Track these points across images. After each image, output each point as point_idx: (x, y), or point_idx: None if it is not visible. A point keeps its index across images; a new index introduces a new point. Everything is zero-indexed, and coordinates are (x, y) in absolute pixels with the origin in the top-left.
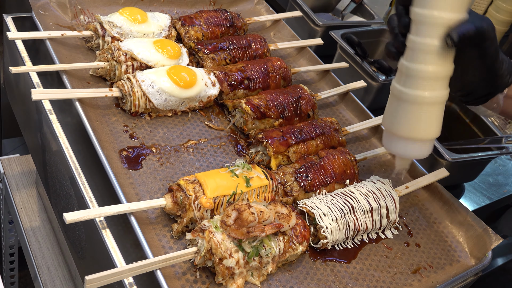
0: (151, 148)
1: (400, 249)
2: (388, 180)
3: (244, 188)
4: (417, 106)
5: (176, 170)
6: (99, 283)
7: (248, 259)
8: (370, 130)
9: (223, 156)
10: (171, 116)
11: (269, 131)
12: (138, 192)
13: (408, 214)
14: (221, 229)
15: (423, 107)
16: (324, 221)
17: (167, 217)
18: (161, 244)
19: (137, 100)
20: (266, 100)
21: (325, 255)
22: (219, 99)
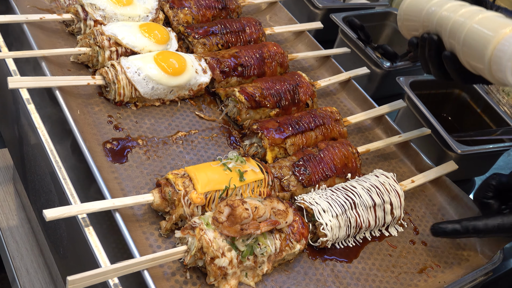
0: (137, 140)
1: (405, 248)
2: (392, 174)
3: (238, 183)
4: None
5: (164, 164)
6: (82, 284)
7: (242, 258)
8: (374, 120)
9: (215, 149)
10: (159, 105)
11: (264, 122)
12: (124, 187)
13: (413, 210)
14: (212, 226)
15: None
16: (323, 218)
17: (154, 214)
18: (149, 242)
19: (122, 88)
20: (262, 88)
21: (324, 254)
22: (210, 87)
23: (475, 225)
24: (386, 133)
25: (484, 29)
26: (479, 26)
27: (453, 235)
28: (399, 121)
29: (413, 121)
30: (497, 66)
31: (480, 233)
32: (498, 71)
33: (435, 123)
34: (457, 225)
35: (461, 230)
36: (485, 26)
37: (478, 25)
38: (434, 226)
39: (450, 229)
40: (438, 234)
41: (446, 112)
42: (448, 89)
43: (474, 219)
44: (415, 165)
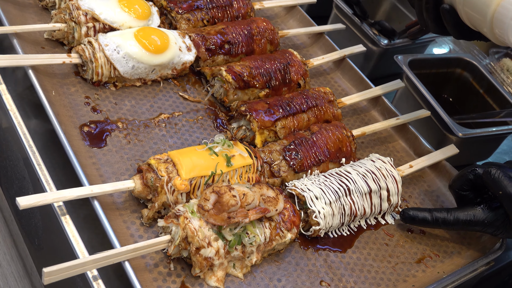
0: (117, 123)
1: (403, 236)
2: (389, 159)
3: (225, 168)
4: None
5: (146, 148)
6: (59, 276)
7: (229, 248)
8: (370, 102)
9: (200, 132)
10: (140, 86)
11: (253, 103)
12: (102, 173)
13: (412, 197)
14: (198, 214)
15: None
16: (316, 205)
17: (136, 202)
18: (130, 232)
19: (100, 67)
20: (250, 68)
21: (317, 243)
22: (195, 66)
23: (445, 218)
24: (383, 115)
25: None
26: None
27: (421, 224)
28: (397, 102)
29: (411, 103)
30: (499, 23)
31: (449, 226)
32: (499, 29)
33: (435, 105)
34: (428, 215)
35: (430, 221)
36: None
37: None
38: (404, 211)
39: (420, 217)
40: (406, 220)
41: (447, 93)
42: (449, 68)
43: (446, 211)
44: (414, 149)
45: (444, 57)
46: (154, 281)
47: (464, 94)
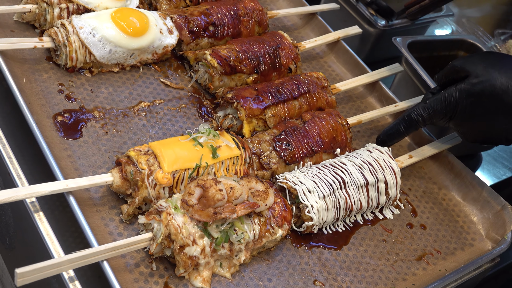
0: (93, 112)
1: (402, 232)
2: (387, 149)
3: (210, 160)
4: None
5: (125, 139)
6: (33, 278)
7: (215, 246)
8: (366, 87)
9: (183, 121)
10: (118, 72)
11: (240, 90)
12: (78, 166)
13: (411, 190)
14: (181, 210)
15: None
16: (309, 199)
17: (114, 197)
18: (108, 229)
19: (74, 52)
20: (237, 51)
21: (310, 240)
22: (177, 50)
23: (417, 110)
24: (381, 102)
25: None
26: None
27: (398, 134)
28: (396, 88)
29: (411, 88)
30: None
31: (424, 116)
32: None
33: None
34: (398, 121)
35: (405, 124)
36: None
37: None
38: (377, 138)
39: (394, 129)
40: (384, 141)
41: None
42: (451, 51)
43: (414, 108)
44: (413, 138)
45: (446, 39)
46: (135, 282)
47: None
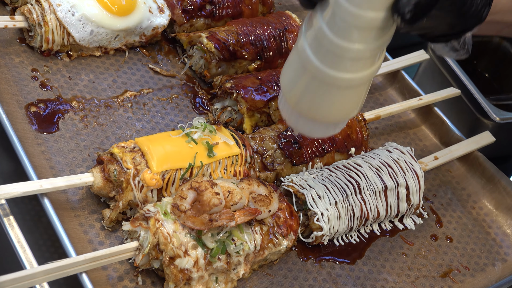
0: (72, 102)
1: (425, 245)
2: (409, 149)
3: (206, 159)
4: (341, 90)
5: (107, 134)
6: None
7: (211, 258)
8: (386, 77)
9: (175, 114)
10: (100, 56)
11: (241, 79)
12: (54, 164)
13: (436, 196)
14: (172, 216)
15: (347, 91)
16: (318, 206)
17: (95, 200)
18: (88, 237)
19: (50, 33)
20: (237, 34)
21: (319, 253)
22: (169, 31)
23: None
24: (403, 94)
25: None
26: None
27: None
28: (420, 78)
29: (438, 79)
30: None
31: None
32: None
33: (467, 82)
34: None
35: None
36: None
37: None
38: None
39: None
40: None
41: (481, 68)
42: (485, 37)
43: None
44: (440, 137)
45: None
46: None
47: (504, 68)
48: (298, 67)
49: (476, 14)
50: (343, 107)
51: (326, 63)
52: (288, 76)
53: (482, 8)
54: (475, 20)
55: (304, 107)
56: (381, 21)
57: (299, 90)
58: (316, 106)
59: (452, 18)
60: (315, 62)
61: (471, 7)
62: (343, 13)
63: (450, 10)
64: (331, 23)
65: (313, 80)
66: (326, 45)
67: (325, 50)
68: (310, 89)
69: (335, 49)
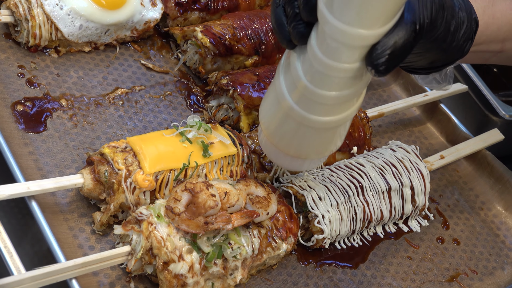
0: (60, 100)
1: (431, 248)
2: (414, 147)
3: (201, 159)
4: (317, 131)
5: (98, 133)
6: None
7: (206, 263)
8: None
9: (168, 112)
10: (90, 52)
11: (238, 75)
12: (42, 165)
13: (443, 197)
14: (166, 219)
15: (323, 132)
16: (319, 207)
17: (85, 203)
18: (78, 242)
19: (37, 27)
20: (234, 28)
21: (320, 257)
22: (162, 26)
23: None
24: (407, 90)
25: None
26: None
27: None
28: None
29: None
30: None
31: None
32: None
33: (475, 77)
34: None
35: None
36: None
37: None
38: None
39: None
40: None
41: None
42: None
43: None
44: (446, 135)
45: None
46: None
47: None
48: (275, 104)
49: (458, 49)
50: (321, 146)
51: (304, 108)
52: (265, 110)
53: (464, 43)
54: (457, 55)
55: (281, 143)
56: (355, 71)
57: (277, 128)
58: (293, 144)
59: (433, 54)
60: (293, 105)
61: (452, 43)
62: (318, 64)
63: (430, 48)
64: (306, 70)
65: (292, 121)
66: (304, 92)
67: (304, 97)
68: (289, 128)
69: (312, 96)
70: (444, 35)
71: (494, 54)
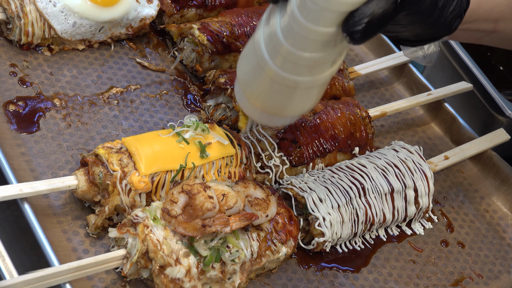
0: (53, 100)
1: (435, 251)
2: (417, 148)
3: (198, 160)
4: (297, 90)
5: (92, 133)
6: None
7: (204, 267)
8: (392, 71)
9: (164, 112)
10: (84, 50)
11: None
12: (35, 167)
13: (447, 199)
14: (162, 222)
15: (303, 91)
16: (320, 210)
17: (79, 205)
18: (71, 245)
19: (30, 25)
20: (232, 25)
21: (321, 260)
22: (158, 23)
23: None
24: (411, 89)
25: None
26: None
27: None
28: (429, 72)
29: (448, 72)
30: None
31: None
32: None
33: (480, 76)
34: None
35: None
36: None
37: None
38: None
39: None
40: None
41: (496, 60)
42: None
43: None
44: (451, 135)
45: None
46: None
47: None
48: (256, 65)
49: (445, 25)
50: (299, 104)
51: (277, 63)
52: (244, 69)
53: (452, 20)
54: (444, 31)
55: (260, 101)
56: (330, 36)
57: (256, 86)
58: (272, 103)
59: (417, 28)
60: (272, 65)
61: (439, 18)
62: (298, 26)
63: (414, 21)
64: (284, 27)
65: (271, 80)
66: (277, 47)
67: (283, 57)
68: (267, 88)
69: (285, 54)
70: (430, 10)
71: (486, 34)
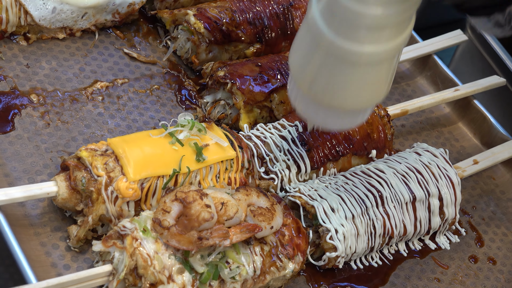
0: (30, 96)
1: (463, 268)
2: (443, 150)
3: (194, 164)
4: (360, 68)
5: (74, 134)
6: None
7: (200, 285)
8: (414, 63)
9: (156, 109)
10: (64, 39)
11: (237, 66)
12: (9, 171)
13: (476, 209)
14: (153, 233)
15: (367, 69)
16: (331, 221)
17: (59, 215)
18: (51, 260)
19: (4, 11)
20: (232, 11)
21: (333, 278)
22: (148, 8)
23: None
24: (435, 83)
25: None
26: None
27: None
28: (457, 65)
29: (479, 65)
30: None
31: None
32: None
33: None
34: None
35: None
36: None
37: None
38: None
39: None
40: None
41: None
42: None
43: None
44: (481, 136)
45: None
46: None
47: None
48: (310, 43)
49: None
50: (364, 90)
51: (341, 34)
52: (298, 55)
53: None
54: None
55: (318, 91)
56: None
57: (312, 71)
58: (332, 89)
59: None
60: (328, 34)
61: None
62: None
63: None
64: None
65: (328, 57)
66: (340, 12)
67: (340, 19)
68: (325, 68)
69: (350, 16)
70: None
71: None
